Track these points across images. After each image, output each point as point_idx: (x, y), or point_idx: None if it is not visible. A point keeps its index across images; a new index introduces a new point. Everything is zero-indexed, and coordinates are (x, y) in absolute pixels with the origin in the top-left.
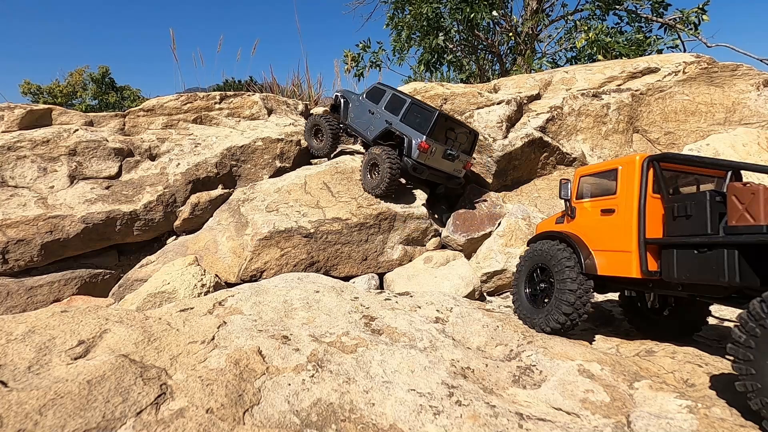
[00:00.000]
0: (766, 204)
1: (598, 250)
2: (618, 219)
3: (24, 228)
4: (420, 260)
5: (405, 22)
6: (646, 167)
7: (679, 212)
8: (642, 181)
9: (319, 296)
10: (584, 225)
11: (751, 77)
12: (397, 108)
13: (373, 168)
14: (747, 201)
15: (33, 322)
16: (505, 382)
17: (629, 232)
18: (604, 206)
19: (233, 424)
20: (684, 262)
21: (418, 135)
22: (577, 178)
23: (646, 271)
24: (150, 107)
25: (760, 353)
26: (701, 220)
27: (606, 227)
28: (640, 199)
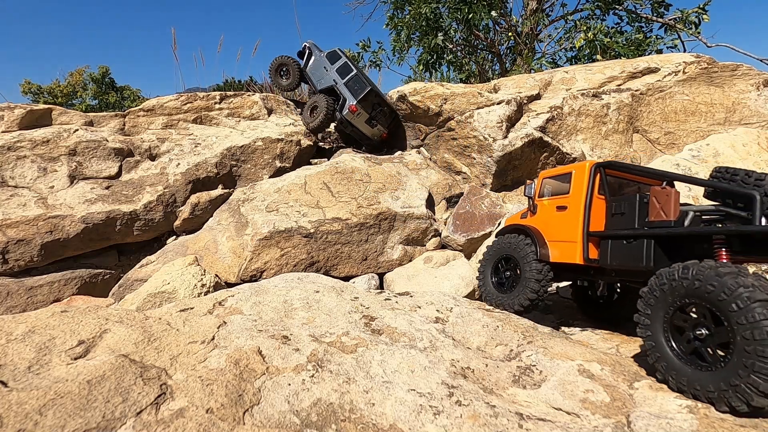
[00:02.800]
0: (676, 204)
1: (552, 241)
2: (569, 214)
3: (24, 228)
4: (420, 260)
5: (405, 22)
6: (593, 172)
7: (616, 210)
8: (589, 183)
9: (319, 296)
10: (543, 220)
11: (751, 77)
12: (344, 73)
13: (313, 110)
14: (663, 201)
15: (33, 322)
16: (505, 382)
17: (576, 225)
18: (559, 203)
19: (233, 424)
20: (616, 251)
21: (352, 98)
22: (541, 179)
23: (587, 258)
24: (150, 107)
25: (654, 318)
26: (631, 217)
27: (560, 221)
28: (586, 198)
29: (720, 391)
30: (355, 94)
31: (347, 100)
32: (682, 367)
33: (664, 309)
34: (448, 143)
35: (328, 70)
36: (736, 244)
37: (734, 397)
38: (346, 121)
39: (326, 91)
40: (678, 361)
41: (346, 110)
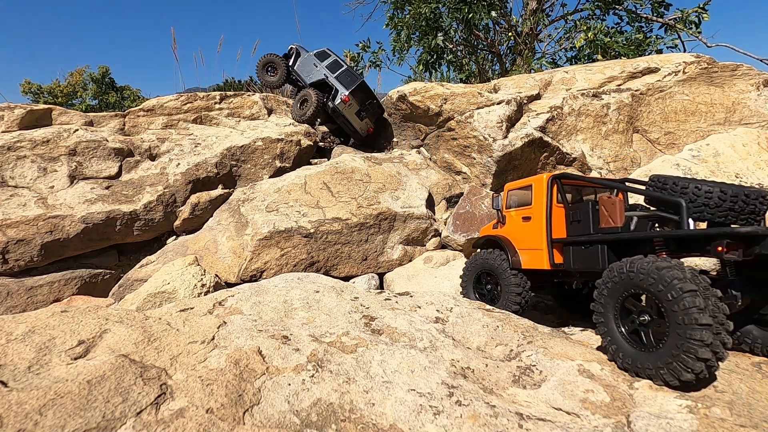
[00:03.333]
0: (621, 211)
1: (522, 249)
2: (533, 224)
3: (24, 228)
4: (420, 260)
5: (404, 22)
6: (550, 184)
7: (573, 218)
8: (548, 194)
9: (319, 296)
10: (512, 230)
11: (751, 77)
12: (335, 68)
13: (303, 102)
14: (610, 210)
15: (33, 322)
16: (505, 382)
17: (541, 234)
18: (524, 214)
19: (233, 424)
20: (577, 255)
21: (344, 89)
22: (506, 191)
23: (554, 263)
24: (150, 107)
25: (606, 307)
26: (586, 224)
27: (526, 231)
28: (547, 209)
29: (657, 369)
30: (348, 86)
31: (339, 91)
32: (628, 349)
33: (614, 299)
34: (448, 143)
35: (317, 67)
36: (672, 244)
37: (668, 373)
38: (338, 111)
39: (315, 86)
40: (625, 343)
41: (339, 100)
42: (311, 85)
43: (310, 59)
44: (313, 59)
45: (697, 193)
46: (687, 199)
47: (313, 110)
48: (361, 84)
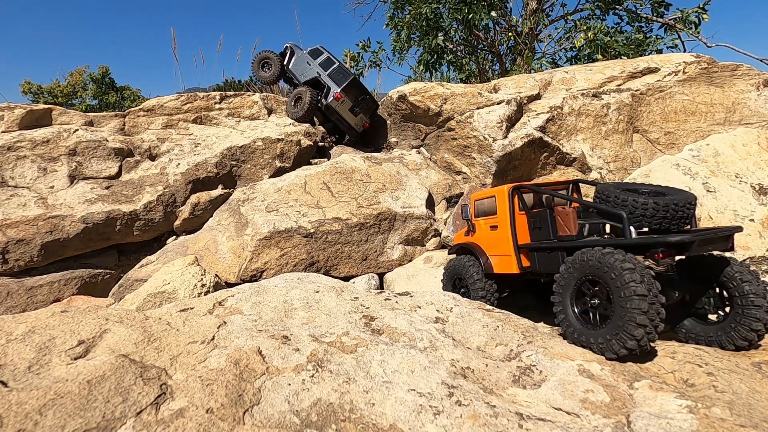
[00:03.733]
0: (574, 221)
1: (492, 255)
2: (500, 232)
3: (24, 228)
4: (420, 260)
5: (405, 22)
6: (511, 194)
7: (535, 225)
8: (510, 204)
9: (319, 296)
10: (482, 237)
11: (751, 77)
12: (327, 66)
13: (298, 100)
14: (565, 220)
15: (33, 322)
16: (505, 382)
17: (508, 241)
18: (491, 223)
19: (233, 424)
20: (541, 259)
21: (336, 87)
22: (473, 201)
23: (521, 267)
24: (150, 107)
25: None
26: (546, 231)
27: (494, 238)
28: (510, 217)
29: (606, 342)
30: (339, 83)
31: (331, 89)
32: (580, 327)
33: (571, 285)
34: (448, 143)
35: (311, 65)
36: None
37: (615, 344)
38: (331, 108)
39: (310, 84)
40: (578, 322)
41: (331, 98)
42: (305, 84)
43: (304, 58)
44: (307, 57)
45: (635, 205)
46: (627, 211)
47: (306, 108)
48: (352, 80)
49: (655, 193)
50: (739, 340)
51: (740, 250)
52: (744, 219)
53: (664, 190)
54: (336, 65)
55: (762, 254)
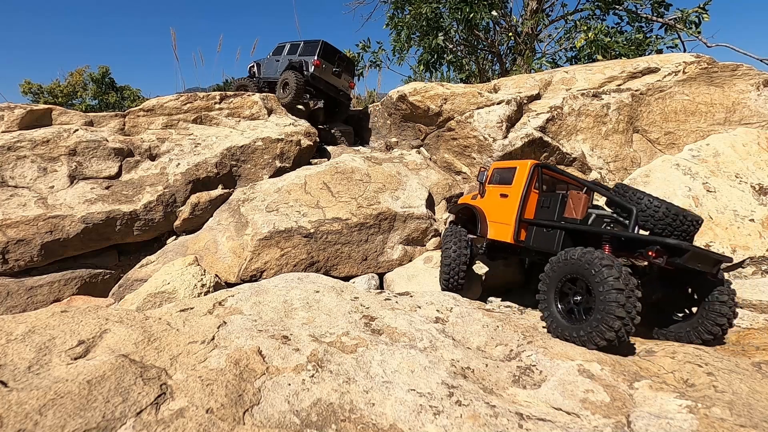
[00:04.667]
0: (584, 206)
1: (492, 222)
2: (509, 201)
3: (24, 228)
4: (420, 260)
5: (405, 22)
6: (532, 171)
7: (544, 204)
8: (528, 179)
9: (319, 296)
10: (488, 203)
11: (751, 77)
12: (295, 49)
13: (285, 87)
14: (575, 203)
15: (33, 322)
16: (505, 382)
17: (513, 212)
18: (503, 191)
19: (233, 424)
20: (538, 236)
21: (311, 57)
22: (492, 168)
23: (517, 239)
24: (150, 107)
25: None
26: (553, 211)
27: (501, 206)
28: (524, 191)
29: (587, 334)
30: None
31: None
32: (563, 322)
33: (555, 281)
34: (448, 143)
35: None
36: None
37: (596, 335)
38: (317, 78)
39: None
40: (560, 318)
41: (312, 67)
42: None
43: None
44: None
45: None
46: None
47: (295, 87)
48: (323, 45)
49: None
50: (705, 334)
51: (740, 250)
52: (744, 219)
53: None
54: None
55: (762, 254)
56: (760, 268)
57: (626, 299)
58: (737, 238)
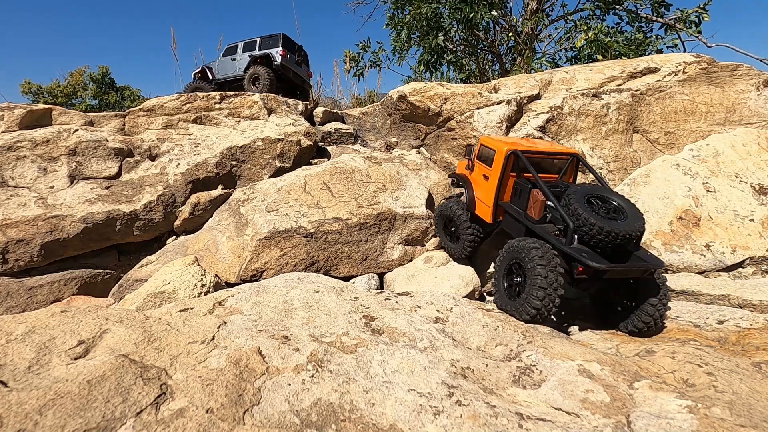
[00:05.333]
0: (540, 208)
1: (477, 199)
2: (489, 184)
3: (24, 228)
4: (420, 260)
5: (405, 22)
6: (508, 156)
7: (517, 191)
8: (504, 164)
9: (319, 296)
10: (475, 179)
11: (751, 77)
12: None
13: (255, 80)
14: (534, 203)
15: (33, 322)
16: (505, 382)
17: (491, 194)
18: (485, 173)
19: (233, 424)
20: (509, 222)
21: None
22: (479, 144)
23: (495, 220)
24: (150, 107)
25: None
26: (522, 202)
27: (483, 186)
28: (500, 176)
29: (520, 308)
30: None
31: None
32: (504, 297)
33: (504, 264)
34: (448, 143)
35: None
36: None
37: (524, 308)
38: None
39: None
40: (504, 293)
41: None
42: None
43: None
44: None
45: (585, 222)
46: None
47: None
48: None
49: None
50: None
51: (740, 250)
52: (744, 219)
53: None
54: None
55: (762, 254)
56: (760, 268)
57: (548, 273)
58: (737, 238)
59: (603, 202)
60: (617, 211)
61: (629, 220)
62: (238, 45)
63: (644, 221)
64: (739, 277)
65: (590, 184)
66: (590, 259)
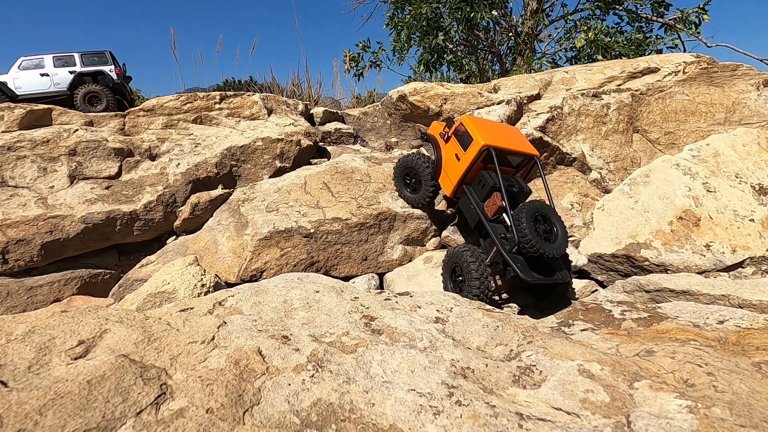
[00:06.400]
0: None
1: (444, 171)
2: (459, 164)
3: (24, 228)
4: (420, 260)
5: (405, 22)
6: (482, 150)
7: (480, 180)
8: (477, 156)
9: (319, 296)
10: (447, 152)
11: (751, 77)
12: (70, 61)
13: (93, 100)
14: (492, 204)
15: (33, 322)
16: (505, 382)
17: (458, 174)
18: (457, 152)
19: (233, 424)
20: (466, 203)
21: (108, 66)
22: (459, 122)
23: (454, 195)
24: (150, 107)
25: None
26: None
27: (453, 163)
28: (470, 165)
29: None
30: (106, 61)
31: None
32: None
33: (449, 265)
34: None
35: (49, 74)
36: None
37: None
38: (122, 83)
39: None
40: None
41: (115, 75)
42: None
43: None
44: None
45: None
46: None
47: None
48: (111, 54)
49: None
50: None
51: (740, 250)
52: (744, 219)
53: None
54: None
55: (762, 254)
56: (760, 268)
57: (479, 275)
58: (737, 238)
59: (545, 222)
60: (551, 232)
61: (558, 242)
62: (45, 58)
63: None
64: (739, 277)
65: (540, 202)
66: (521, 271)
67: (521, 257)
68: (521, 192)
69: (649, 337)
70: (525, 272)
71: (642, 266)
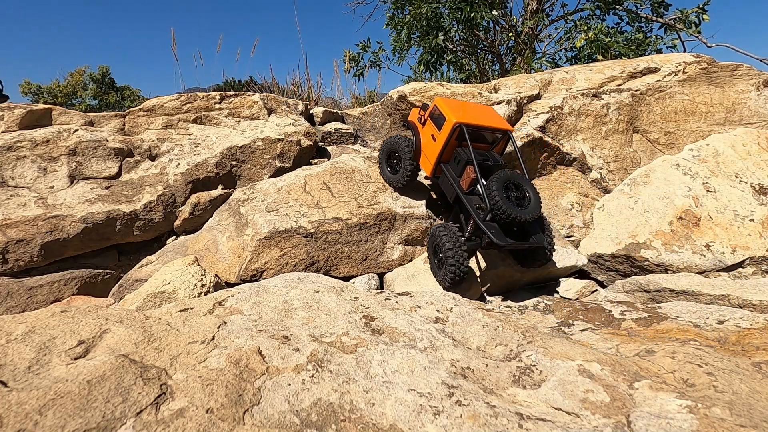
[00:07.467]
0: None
1: (423, 153)
2: (434, 145)
3: (24, 228)
4: (420, 260)
5: (405, 22)
6: (455, 128)
7: (456, 157)
8: (450, 134)
9: (319, 296)
10: (425, 134)
11: (751, 77)
12: None
13: None
14: (466, 177)
15: (33, 322)
16: (505, 382)
17: (435, 154)
18: (433, 133)
19: (233, 424)
20: (445, 180)
21: None
22: (434, 105)
23: (434, 175)
24: (150, 107)
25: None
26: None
27: (430, 145)
28: (444, 143)
29: (442, 277)
30: None
31: None
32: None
33: (431, 244)
34: None
35: None
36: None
37: (445, 278)
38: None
39: None
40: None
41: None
42: None
43: None
44: None
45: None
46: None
47: None
48: None
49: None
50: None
51: (740, 250)
52: (744, 219)
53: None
54: None
55: (762, 254)
56: (760, 268)
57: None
58: (737, 238)
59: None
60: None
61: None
62: None
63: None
64: (739, 277)
65: (512, 171)
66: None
67: (496, 224)
68: (496, 165)
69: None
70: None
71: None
